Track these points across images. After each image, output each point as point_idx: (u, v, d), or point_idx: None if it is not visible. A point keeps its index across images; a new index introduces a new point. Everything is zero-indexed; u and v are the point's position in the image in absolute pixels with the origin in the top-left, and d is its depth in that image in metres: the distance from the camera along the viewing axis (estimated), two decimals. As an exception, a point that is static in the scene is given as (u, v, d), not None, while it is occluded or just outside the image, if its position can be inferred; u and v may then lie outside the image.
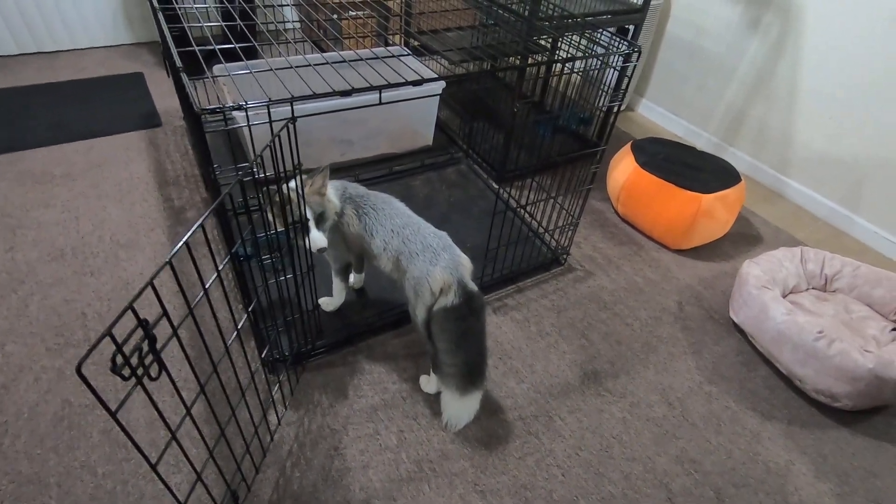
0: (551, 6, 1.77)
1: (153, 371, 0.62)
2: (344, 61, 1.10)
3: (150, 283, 0.58)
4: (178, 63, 0.93)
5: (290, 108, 0.94)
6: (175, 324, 0.66)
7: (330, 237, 1.30)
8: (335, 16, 2.68)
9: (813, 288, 1.70)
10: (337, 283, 1.47)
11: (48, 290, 1.52)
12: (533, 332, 1.56)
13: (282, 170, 0.97)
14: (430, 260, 1.12)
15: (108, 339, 1.38)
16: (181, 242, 0.63)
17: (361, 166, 2.14)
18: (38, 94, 2.37)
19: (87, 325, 1.43)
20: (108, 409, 0.55)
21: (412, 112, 2.14)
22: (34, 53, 2.70)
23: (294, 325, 1.33)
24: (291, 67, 0.98)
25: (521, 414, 1.34)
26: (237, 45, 1.06)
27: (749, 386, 1.47)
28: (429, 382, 1.35)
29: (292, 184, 1.11)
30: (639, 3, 2.03)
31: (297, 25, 2.99)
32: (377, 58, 1.10)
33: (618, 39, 1.47)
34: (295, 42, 1.97)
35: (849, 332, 1.51)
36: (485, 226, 1.90)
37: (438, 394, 1.34)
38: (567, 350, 1.52)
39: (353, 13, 2.67)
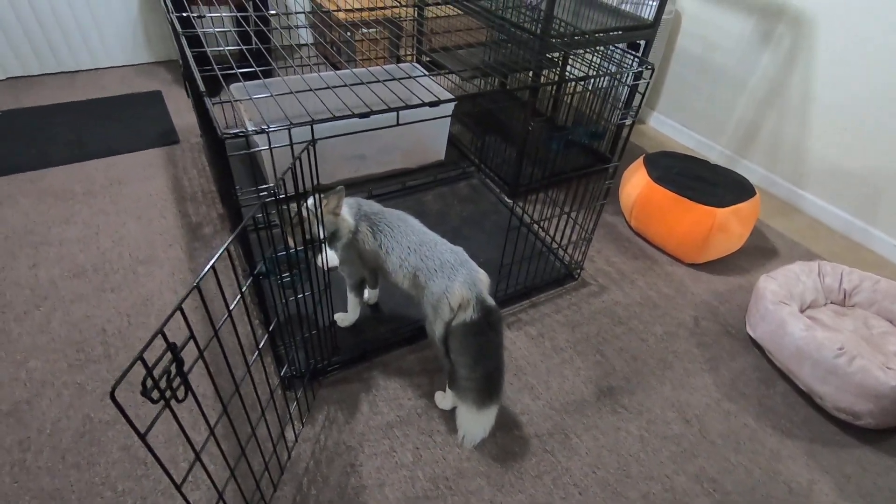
0: (563, 24, 1.79)
1: (180, 393, 0.64)
2: (361, 83, 1.12)
3: (180, 308, 0.60)
4: (202, 87, 0.96)
5: (310, 129, 0.96)
6: (197, 346, 0.67)
7: (344, 254, 1.31)
8: (348, 34, 2.73)
9: (831, 302, 1.68)
10: (352, 299, 1.48)
11: (69, 306, 1.54)
12: (547, 348, 1.56)
13: (300, 189, 0.98)
14: (449, 276, 1.13)
15: (128, 358, 1.40)
16: (207, 267, 0.64)
17: (374, 182, 2.16)
18: (60, 112, 2.43)
19: (107, 341, 1.46)
20: (138, 432, 0.57)
21: (425, 127, 2.16)
22: (56, 73, 2.78)
23: (311, 341, 1.34)
24: (311, 90, 1.00)
25: (536, 431, 1.33)
26: (258, 69, 1.09)
27: (768, 403, 1.46)
28: (444, 398, 1.35)
29: (309, 202, 1.13)
30: (650, 18, 2.04)
31: (311, 42, 3.05)
32: (393, 78, 1.12)
33: (630, 56, 1.48)
34: (311, 64, 2.01)
35: (869, 349, 1.48)
36: (497, 240, 1.90)
37: (453, 410, 1.34)
38: (582, 366, 1.51)
39: (366, 31, 2.72)
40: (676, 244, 1.88)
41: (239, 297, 0.75)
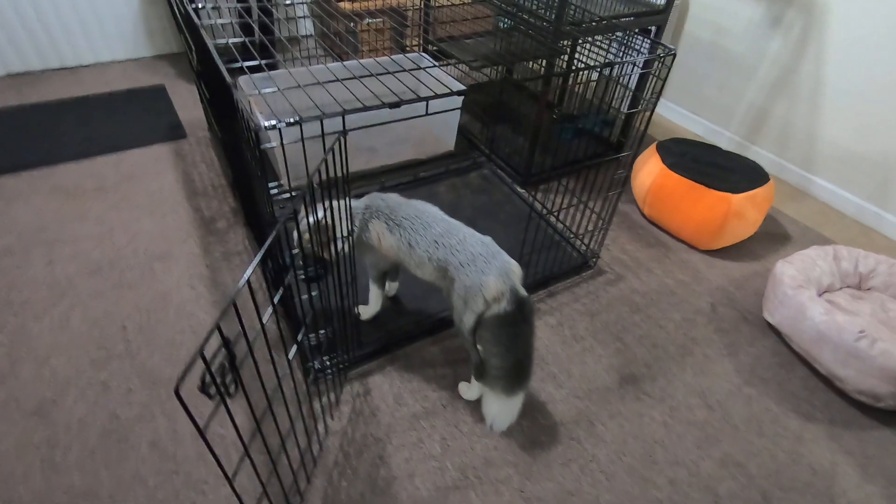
0: (576, 10, 1.77)
1: (231, 389, 0.63)
2: (387, 72, 1.11)
3: (233, 303, 0.59)
4: (230, 80, 0.95)
5: (340, 119, 0.95)
6: (248, 343, 0.67)
7: (358, 250, 1.31)
8: (352, 24, 2.70)
9: (847, 286, 1.69)
10: (373, 290, 1.48)
11: (88, 303, 1.54)
12: (567, 337, 1.56)
13: (324, 180, 0.98)
14: (482, 269, 1.12)
15: (150, 354, 1.40)
16: (253, 264, 0.64)
17: (386, 173, 2.15)
18: (66, 108, 2.40)
19: (128, 338, 1.45)
20: (197, 427, 0.56)
21: (436, 118, 2.15)
22: (57, 69, 2.74)
23: (337, 335, 1.34)
24: (338, 80, 0.99)
25: (561, 419, 1.34)
26: (279, 59, 1.08)
27: (788, 387, 1.47)
28: (469, 389, 1.36)
29: (315, 217, 1.12)
30: (661, 4, 2.03)
31: (314, 34, 3.01)
32: (418, 67, 1.10)
33: (648, 42, 1.47)
34: (318, 56, 1.99)
35: (888, 331, 1.49)
36: (512, 230, 1.90)
37: (478, 401, 1.34)
38: (603, 354, 1.52)
39: (370, 20, 2.69)
40: (691, 231, 1.88)
41: (281, 291, 0.74)
